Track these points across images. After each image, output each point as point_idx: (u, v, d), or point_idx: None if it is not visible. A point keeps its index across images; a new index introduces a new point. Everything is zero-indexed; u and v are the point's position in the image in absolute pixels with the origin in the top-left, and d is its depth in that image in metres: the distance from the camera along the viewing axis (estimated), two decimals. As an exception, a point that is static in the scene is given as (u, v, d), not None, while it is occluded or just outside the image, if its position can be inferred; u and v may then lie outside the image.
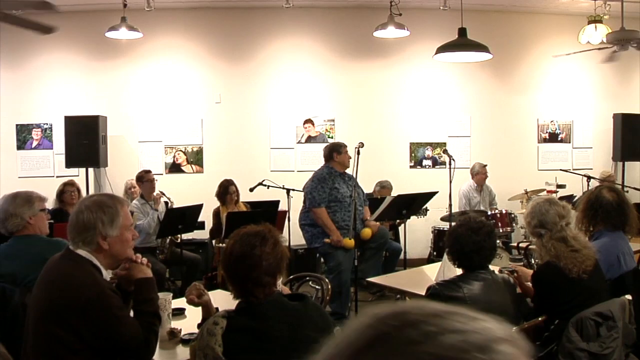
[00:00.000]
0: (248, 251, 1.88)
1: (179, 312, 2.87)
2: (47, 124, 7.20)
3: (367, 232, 5.12)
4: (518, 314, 2.59)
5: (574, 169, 7.09)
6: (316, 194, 4.95)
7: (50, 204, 5.86)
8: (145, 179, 5.73)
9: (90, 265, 2.09)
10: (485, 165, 6.91)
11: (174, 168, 7.31)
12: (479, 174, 6.88)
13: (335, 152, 5.11)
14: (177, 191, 6.27)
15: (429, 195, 5.48)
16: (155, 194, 5.68)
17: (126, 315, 2.13)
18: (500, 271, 2.90)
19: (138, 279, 2.20)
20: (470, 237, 2.55)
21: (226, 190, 5.79)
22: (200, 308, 2.45)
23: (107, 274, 2.17)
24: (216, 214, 5.80)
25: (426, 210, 6.08)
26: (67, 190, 5.51)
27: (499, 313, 2.45)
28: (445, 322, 0.57)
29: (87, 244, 2.10)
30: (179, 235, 5.67)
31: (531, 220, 2.92)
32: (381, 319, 0.59)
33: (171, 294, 2.76)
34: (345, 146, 5.15)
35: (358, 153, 4.67)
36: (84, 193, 5.99)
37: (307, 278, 3.83)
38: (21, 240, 2.95)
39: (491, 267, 2.69)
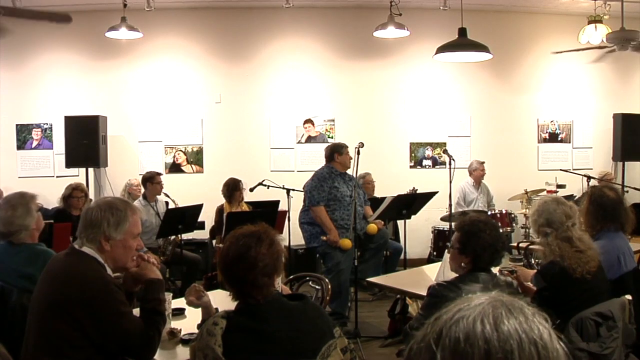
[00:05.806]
0: (243, 253, 1.86)
1: (179, 312, 2.87)
2: (47, 124, 7.20)
3: (372, 227, 5.14)
4: None
5: (574, 169, 7.08)
6: (315, 193, 4.97)
7: (54, 204, 5.91)
8: (155, 180, 5.75)
9: (95, 262, 2.11)
10: (483, 162, 6.91)
11: (174, 168, 7.31)
12: (477, 170, 6.89)
13: (336, 153, 5.13)
14: (177, 191, 6.26)
15: (429, 195, 5.49)
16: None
17: (130, 311, 2.14)
18: (500, 271, 2.89)
19: (149, 279, 2.24)
20: (500, 238, 2.52)
21: (237, 187, 5.78)
22: (200, 308, 2.45)
23: (111, 273, 2.18)
24: (219, 211, 5.79)
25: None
26: (75, 196, 5.43)
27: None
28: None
29: (90, 242, 2.13)
30: (179, 236, 5.67)
31: (538, 218, 2.86)
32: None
33: (171, 294, 2.76)
34: (347, 147, 5.17)
35: (358, 153, 4.67)
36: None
37: (307, 278, 3.83)
38: (32, 248, 2.89)
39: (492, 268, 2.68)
